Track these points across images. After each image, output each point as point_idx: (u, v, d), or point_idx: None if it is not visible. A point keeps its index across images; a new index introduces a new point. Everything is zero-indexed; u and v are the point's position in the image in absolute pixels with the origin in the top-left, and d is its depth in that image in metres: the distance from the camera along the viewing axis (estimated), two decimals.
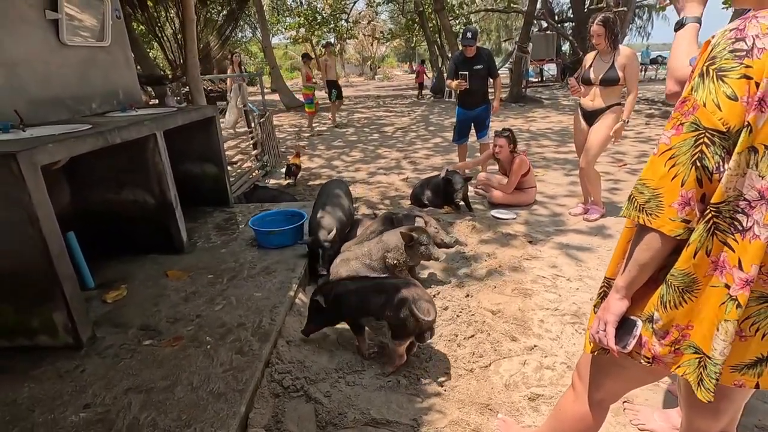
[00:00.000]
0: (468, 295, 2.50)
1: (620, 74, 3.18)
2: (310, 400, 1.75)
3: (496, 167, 4.27)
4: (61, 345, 1.93)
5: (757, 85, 0.71)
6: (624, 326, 0.94)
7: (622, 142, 6.24)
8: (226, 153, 4.28)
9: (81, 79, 2.97)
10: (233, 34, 13.84)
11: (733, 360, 0.84)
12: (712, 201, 0.78)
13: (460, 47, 4.51)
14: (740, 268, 0.77)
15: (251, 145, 5.65)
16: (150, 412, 1.58)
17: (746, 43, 0.72)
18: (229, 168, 4.17)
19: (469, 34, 4.33)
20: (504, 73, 15.94)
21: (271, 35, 16.10)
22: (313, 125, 9.34)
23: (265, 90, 9.27)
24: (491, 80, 4.63)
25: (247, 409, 1.64)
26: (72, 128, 2.25)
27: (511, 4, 14.82)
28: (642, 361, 0.93)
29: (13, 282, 1.84)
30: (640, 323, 0.92)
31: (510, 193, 3.92)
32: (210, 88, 11.64)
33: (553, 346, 2.06)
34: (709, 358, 0.83)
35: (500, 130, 3.99)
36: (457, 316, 2.29)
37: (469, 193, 3.94)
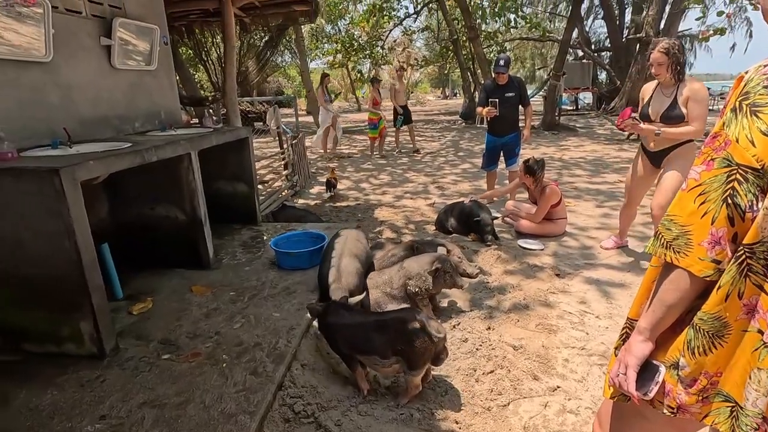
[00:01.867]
0: (489, 328, 2.41)
1: (684, 111, 2.75)
2: (321, 428, 1.71)
3: (526, 195, 4.19)
4: (85, 354, 1.99)
5: None
6: (646, 371, 0.88)
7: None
8: (258, 171, 4.42)
9: (127, 100, 3.16)
10: (272, 59, 14.48)
11: None
12: (745, 241, 0.74)
13: (493, 75, 4.52)
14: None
15: (282, 165, 5.80)
16: (162, 428, 1.59)
17: None
18: (259, 186, 4.29)
19: (501, 62, 4.35)
20: (537, 101, 15.86)
21: (308, 60, 16.76)
22: (374, 150, 8.91)
23: (300, 111, 9.57)
24: (522, 108, 4.60)
25: None
26: (113, 146, 2.38)
27: (546, 33, 14.83)
28: (665, 411, 0.87)
29: (47, 290, 1.92)
30: (663, 369, 0.87)
31: (539, 223, 3.82)
32: (248, 109, 12.15)
33: (577, 389, 1.95)
34: (741, 408, 0.77)
35: (526, 160, 3.92)
36: (477, 349, 2.22)
37: (496, 221, 3.87)
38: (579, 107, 18.06)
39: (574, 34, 14.28)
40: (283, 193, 5.46)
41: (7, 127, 2.09)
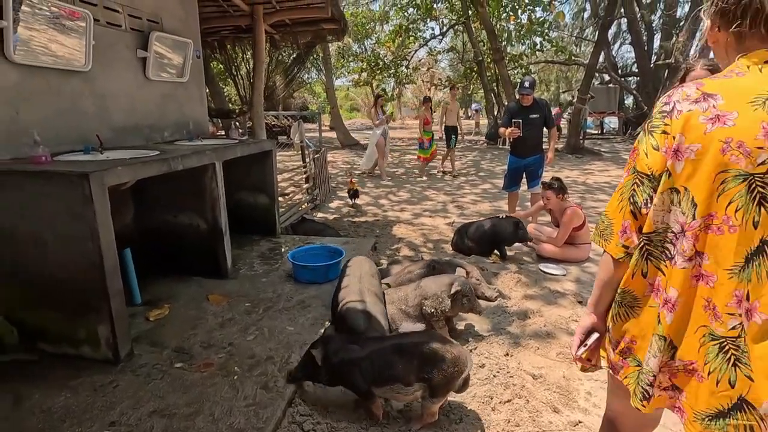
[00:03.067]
0: (508, 354, 2.33)
1: None
2: None
3: (548, 218, 4.10)
4: (100, 358, 2.00)
5: (674, 138, 0.87)
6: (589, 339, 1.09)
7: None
8: (280, 184, 4.46)
9: (159, 110, 3.26)
10: (299, 75, 14.84)
11: (697, 404, 0.88)
12: (644, 231, 0.93)
13: (517, 96, 4.50)
14: (665, 290, 0.91)
15: (304, 179, 5.86)
16: None
17: (669, 106, 0.90)
18: (280, 198, 4.33)
19: (527, 83, 4.34)
20: (561, 124, 15.68)
21: (334, 77, 17.09)
22: (424, 172, 8.55)
23: (324, 127, 9.69)
24: (546, 130, 4.56)
25: None
26: (142, 153, 2.45)
27: (572, 57, 14.78)
28: (604, 366, 1.08)
29: (67, 292, 1.95)
30: (595, 335, 1.08)
31: (561, 247, 3.72)
32: (273, 123, 12.43)
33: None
34: (642, 367, 0.95)
35: (547, 182, 3.85)
36: (494, 376, 2.13)
37: (517, 245, 3.81)
38: (604, 131, 17.82)
39: (601, 58, 14.17)
40: (303, 206, 5.50)
41: (44, 132, 2.17)
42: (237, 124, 7.12)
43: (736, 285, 0.82)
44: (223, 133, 7.05)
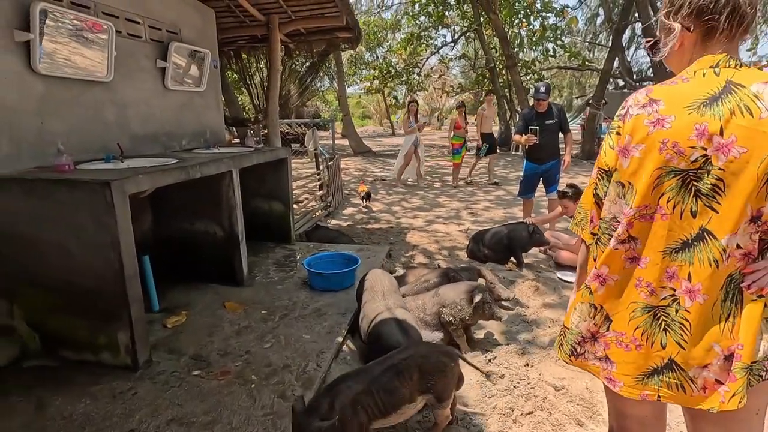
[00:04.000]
0: (528, 365, 2.27)
1: None
2: None
3: (565, 224, 4.03)
4: (120, 365, 2.01)
5: (624, 138, 0.98)
6: None
7: None
8: (294, 191, 4.48)
9: (177, 119, 3.30)
10: (313, 84, 15.00)
11: (635, 370, 0.98)
12: (601, 216, 1.06)
13: (531, 102, 4.46)
14: (595, 267, 1.04)
15: (317, 186, 5.89)
16: None
17: (624, 110, 1.00)
18: (294, 206, 4.34)
19: (542, 89, 4.29)
20: (575, 129, 15.53)
21: (346, 85, 17.22)
22: (459, 179, 8.22)
23: (336, 134, 9.74)
24: (563, 135, 4.50)
25: None
26: (161, 161, 2.47)
27: (586, 62, 14.65)
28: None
29: (89, 299, 1.97)
30: None
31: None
32: (286, 131, 12.55)
33: None
34: (568, 329, 1.10)
35: (563, 190, 3.79)
36: (515, 386, 2.08)
37: (533, 252, 3.75)
38: None
39: (615, 63, 14.03)
40: (317, 214, 5.51)
41: (67, 141, 2.21)
42: (252, 132, 7.20)
43: (668, 263, 0.94)
44: (238, 141, 7.14)
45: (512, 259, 3.73)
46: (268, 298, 2.80)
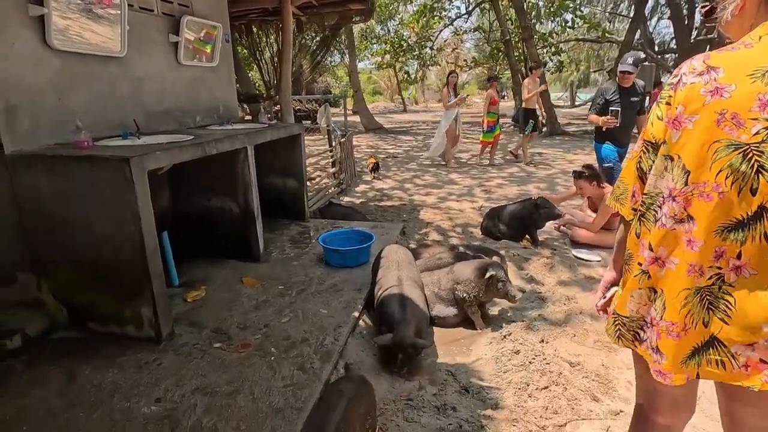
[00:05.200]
0: (543, 341, 2.29)
1: None
2: None
3: (577, 202, 3.97)
4: (144, 337, 2.07)
5: (675, 109, 0.92)
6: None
7: None
8: (306, 169, 4.47)
9: (190, 94, 3.29)
10: (324, 59, 14.76)
11: (679, 356, 0.94)
12: (643, 193, 1.00)
13: (618, 75, 3.83)
14: (650, 249, 0.96)
15: (330, 163, 5.87)
16: (212, 416, 1.62)
17: (676, 79, 0.93)
18: (307, 183, 4.34)
19: (630, 59, 3.74)
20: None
21: (357, 60, 16.91)
22: (485, 156, 7.84)
23: (347, 111, 9.63)
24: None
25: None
26: (177, 138, 2.48)
27: (606, 34, 14.11)
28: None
29: (113, 274, 2.02)
30: (614, 289, 1.15)
31: (597, 233, 3.60)
32: (297, 107, 12.44)
33: None
34: (626, 317, 1.02)
35: (579, 170, 3.70)
36: (530, 362, 2.10)
37: (548, 230, 3.71)
38: None
39: (637, 35, 13.48)
40: (330, 191, 5.52)
41: (84, 117, 2.22)
42: (264, 108, 7.16)
43: (718, 243, 0.88)
44: (249, 118, 7.10)
45: (527, 236, 3.70)
46: (285, 274, 2.84)
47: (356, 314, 2.36)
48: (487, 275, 2.29)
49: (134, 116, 2.59)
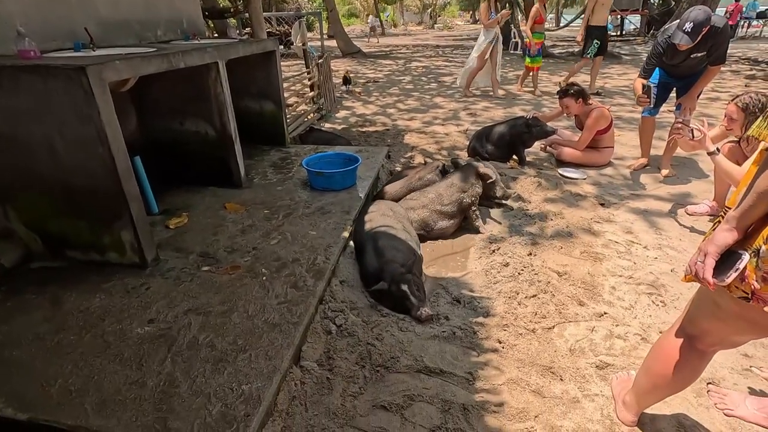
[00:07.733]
0: (531, 254, 2.33)
1: None
2: (362, 341, 1.72)
3: (564, 122, 3.90)
4: (128, 263, 2.00)
5: None
6: (728, 260, 0.89)
7: (712, 105, 5.53)
8: (284, 93, 4.20)
9: (147, 3, 2.92)
10: None
11: None
12: None
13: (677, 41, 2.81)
14: None
15: (309, 87, 5.54)
16: (208, 333, 1.61)
17: None
18: (286, 108, 4.10)
19: (688, 27, 2.72)
20: (576, 26, 14.49)
21: None
22: (527, 84, 7.00)
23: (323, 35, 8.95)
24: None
25: (300, 342, 1.63)
26: (138, 51, 2.22)
27: None
28: (739, 295, 0.88)
29: (86, 199, 1.89)
30: (746, 257, 0.86)
31: (583, 151, 3.58)
32: (268, 29, 11.48)
33: (625, 316, 1.88)
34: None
35: (564, 88, 3.58)
36: (519, 273, 2.15)
37: (534, 149, 3.67)
38: (624, 32, 16.52)
39: None
40: (309, 117, 5.26)
41: (28, 23, 1.94)
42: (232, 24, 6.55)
43: None
44: (217, 35, 6.51)
45: (514, 156, 3.66)
46: (270, 199, 2.75)
47: (346, 234, 2.33)
48: (482, 171, 2.50)
49: (85, 25, 2.29)
